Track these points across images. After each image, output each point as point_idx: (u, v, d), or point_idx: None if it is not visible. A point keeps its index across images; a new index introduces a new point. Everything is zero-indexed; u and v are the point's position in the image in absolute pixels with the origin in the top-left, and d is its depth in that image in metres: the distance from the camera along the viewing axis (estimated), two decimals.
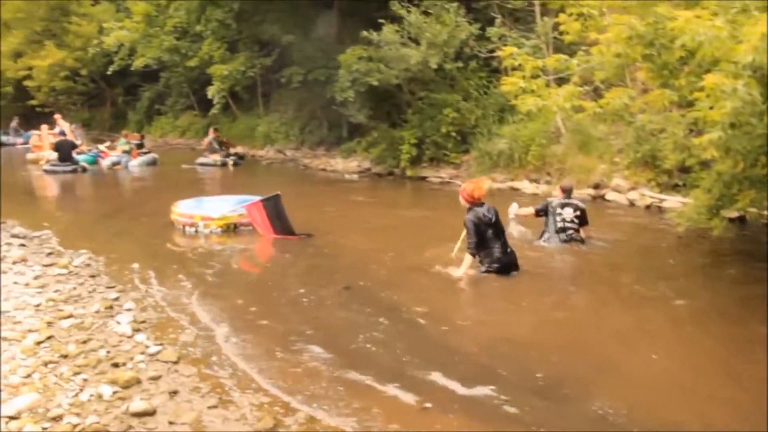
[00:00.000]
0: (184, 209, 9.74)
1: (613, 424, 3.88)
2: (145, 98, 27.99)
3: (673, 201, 9.98)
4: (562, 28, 7.17)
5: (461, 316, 6.14)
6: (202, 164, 18.30)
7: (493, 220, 6.83)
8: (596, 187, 11.33)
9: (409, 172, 14.61)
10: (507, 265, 6.84)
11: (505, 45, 9.61)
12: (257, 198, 9.27)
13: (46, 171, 17.62)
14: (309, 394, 4.31)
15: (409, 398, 4.25)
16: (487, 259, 6.84)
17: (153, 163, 18.97)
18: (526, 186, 12.40)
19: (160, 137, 26.32)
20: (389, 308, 6.08)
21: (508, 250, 6.92)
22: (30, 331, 5.47)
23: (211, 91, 18.49)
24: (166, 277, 7.15)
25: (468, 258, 6.80)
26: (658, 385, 4.44)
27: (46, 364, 4.83)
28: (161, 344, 5.20)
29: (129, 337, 5.38)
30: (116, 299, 6.37)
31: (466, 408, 4.14)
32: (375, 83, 14.11)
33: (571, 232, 7.85)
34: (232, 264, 8.17)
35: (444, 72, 14.15)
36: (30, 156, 20.57)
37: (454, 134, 14.06)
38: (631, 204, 10.62)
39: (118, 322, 5.68)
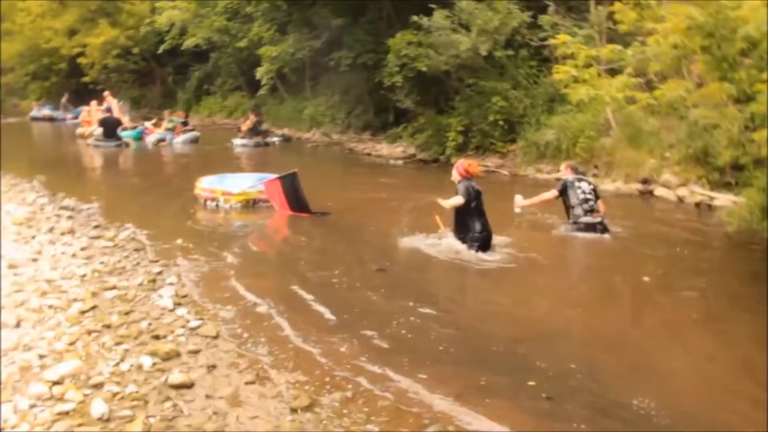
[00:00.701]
0: (206, 184, 10.00)
1: (656, 424, 3.79)
2: (195, 78, 28.29)
3: (724, 199, 9.70)
4: (616, 17, 7.02)
5: (493, 302, 6.07)
6: (242, 145, 18.38)
7: (480, 193, 7.31)
8: (644, 182, 11.08)
9: (454, 160, 14.46)
10: (486, 240, 7.27)
11: (557, 33, 9.43)
12: (276, 175, 9.44)
13: (93, 145, 18.26)
14: (344, 376, 4.30)
15: (443, 385, 4.20)
16: (468, 236, 7.24)
17: (195, 140, 19.33)
18: None
19: (207, 117, 26.62)
20: (421, 292, 6.08)
21: (488, 228, 7.32)
22: (75, 300, 5.58)
23: (259, 72, 18.54)
24: (207, 254, 7.22)
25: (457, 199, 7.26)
26: (701, 385, 4.35)
27: (89, 332, 4.92)
28: (201, 319, 5.25)
29: (170, 310, 5.45)
30: (159, 273, 6.46)
31: (504, 398, 4.08)
32: (423, 69, 13.99)
33: (592, 203, 8.25)
34: (267, 243, 8.38)
35: (494, 59, 13.94)
36: (79, 131, 21.13)
37: (501, 123, 13.87)
38: (680, 201, 10.35)
39: (161, 296, 5.76)
